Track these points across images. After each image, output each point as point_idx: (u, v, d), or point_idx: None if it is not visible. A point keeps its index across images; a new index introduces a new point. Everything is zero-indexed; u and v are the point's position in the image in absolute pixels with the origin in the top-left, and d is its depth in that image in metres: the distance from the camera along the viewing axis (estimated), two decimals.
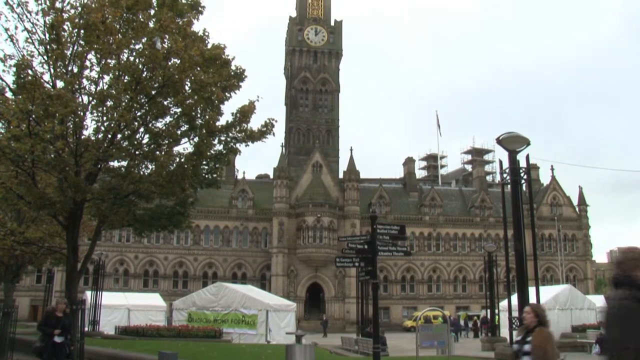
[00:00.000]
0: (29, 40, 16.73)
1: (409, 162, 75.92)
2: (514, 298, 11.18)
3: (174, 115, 18.38)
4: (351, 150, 66.31)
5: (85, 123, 17.39)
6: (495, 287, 28.78)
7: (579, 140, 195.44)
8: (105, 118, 17.28)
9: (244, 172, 68.32)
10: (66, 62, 17.19)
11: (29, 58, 16.54)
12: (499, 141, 10.91)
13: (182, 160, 18.48)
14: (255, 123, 19.28)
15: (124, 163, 18.54)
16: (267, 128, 19.11)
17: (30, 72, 16.36)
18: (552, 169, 73.71)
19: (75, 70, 17.46)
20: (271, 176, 68.03)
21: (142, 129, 18.25)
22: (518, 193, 10.85)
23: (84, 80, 17.57)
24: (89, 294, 30.91)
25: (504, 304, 29.63)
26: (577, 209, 72.30)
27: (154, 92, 17.46)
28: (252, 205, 65.50)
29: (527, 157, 11.51)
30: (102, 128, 17.36)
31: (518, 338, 7.01)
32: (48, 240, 25.44)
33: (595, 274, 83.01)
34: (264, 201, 64.87)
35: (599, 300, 35.64)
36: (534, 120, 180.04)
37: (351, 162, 65.92)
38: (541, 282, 56.81)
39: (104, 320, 30.40)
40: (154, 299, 37.33)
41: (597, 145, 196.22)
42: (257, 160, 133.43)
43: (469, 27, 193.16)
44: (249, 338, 27.84)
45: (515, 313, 11.21)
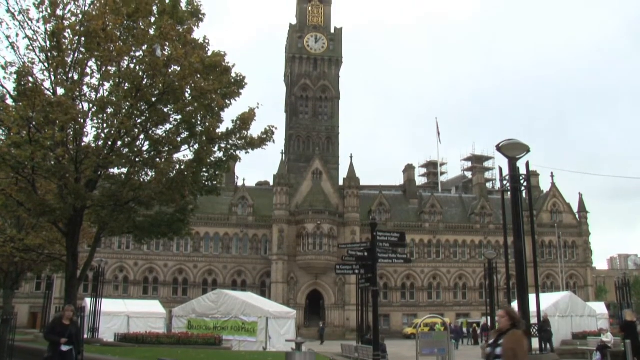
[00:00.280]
0: (30, 47, 16.77)
1: (409, 169, 75.97)
2: (514, 305, 11.13)
3: (174, 122, 18.41)
4: (351, 157, 66.46)
5: (85, 130, 17.42)
6: (496, 294, 28.73)
7: (579, 147, 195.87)
8: (105, 125, 17.31)
9: (244, 179, 68.52)
10: (67, 70, 17.23)
11: (30, 65, 16.58)
12: (499, 148, 10.91)
13: (182, 167, 18.49)
14: (255, 130, 19.33)
15: (124, 170, 18.55)
16: (267, 135, 19.15)
17: (31, 79, 16.41)
18: (552, 176, 73.89)
19: (75, 77, 17.49)
20: (271, 183, 68.06)
21: (142, 136, 18.27)
22: (518, 200, 10.85)
23: (85, 88, 17.62)
24: (88, 301, 30.84)
25: None
26: (577, 216, 72.30)
27: (154, 99, 17.50)
28: (252, 212, 65.50)
29: (527, 164, 11.51)
30: (103, 135, 17.38)
31: (491, 341, 6.96)
32: (48, 247, 25.40)
33: (596, 280, 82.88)
34: (264, 208, 64.86)
35: (600, 308, 35.59)
36: (534, 128, 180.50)
37: (351, 169, 65.95)
38: (541, 289, 56.79)
39: (103, 327, 30.30)
40: (153, 306, 37.26)
41: (597, 152, 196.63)
42: (257, 168, 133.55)
43: (468, 35, 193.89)
44: (249, 345, 27.77)
45: None
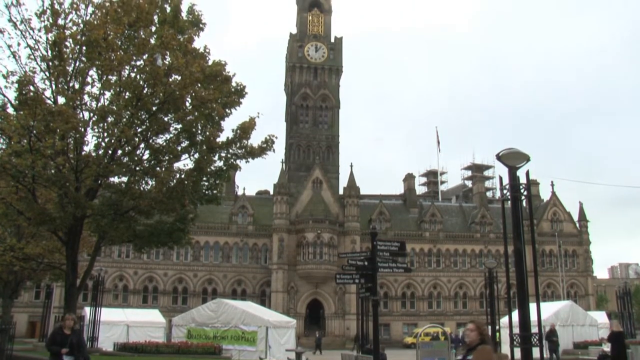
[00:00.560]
0: (32, 56, 16.85)
1: (409, 178, 75.97)
2: (515, 314, 11.11)
3: (174, 131, 18.47)
4: (351, 166, 66.44)
5: (86, 139, 17.47)
6: (496, 304, 28.63)
7: (579, 155, 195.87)
8: (106, 134, 17.35)
9: (244, 188, 68.43)
10: (68, 79, 17.31)
11: (31, 74, 16.65)
12: (499, 157, 10.90)
13: (182, 176, 18.52)
14: (255, 139, 19.38)
15: (124, 179, 18.58)
16: (267, 144, 19.20)
17: (32, 88, 16.46)
18: (552, 185, 73.87)
19: (76, 86, 17.56)
20: (271, 192, 67.97)
21: (142, 145, 18.32)
22: (518, 209, 10.83)
23: (85, 97, 17.70)
24: (87, 310, 30.76)
25: (504, 320, 29.48)
26: (577, 225, 72.17)
27: (154, 108, 17.55)
28: (252, 221, 65.42)
29: (527, 173, 11.49)
30: (103, 144, 17.42)
31: (459, 357, 6.82)
32: (47, 256, 25.36)
33: (597, 290, 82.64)
34: (264, 217, 64.80)
35: (601, 317, 35.48)
36: (535, 136, 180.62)
37: (351, 178, 65.94)
38: (542, 298, 56.49)
39: (102, 336, 30.21)
40: (153, 315, 37.14)
41: (597, 160, 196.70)
42: (257, 176, 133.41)
43: (468, 43, 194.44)
44: (249, 355, 27.68)
45: (516, 330, 11.13)
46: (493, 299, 28.05)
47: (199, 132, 18.53)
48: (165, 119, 18.04)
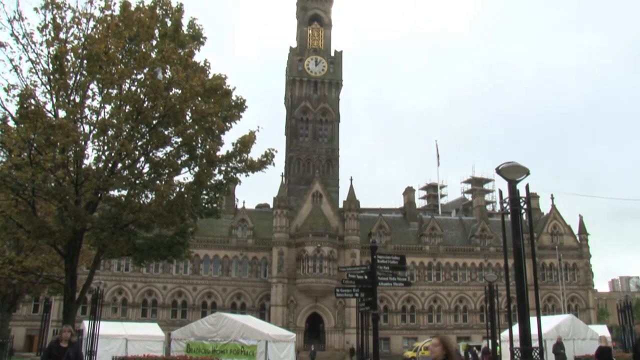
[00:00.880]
0: (33, 70, 16.94)
1: (408, 192, 75.98)
2: (515, 328, 11.06)
3: (174, 144, 18.50)
4: (351, 179, 66.46)
5: (86, 152, 17.52)
6: (497, 317, 28.54)
7: (579, 168, 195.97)
8: (106, 147, 17.39)
9: (243, 202, 68.34)
10: (68, 92, 17.37)
11: (32, 88, 16.73)
12: (499, 171, 10.91)
13: (182, 189, 18.53)
14: (255, 153, 19.44)
15: (124, 192, 18.59)
16: (267, 158, 19.24)
17: (33, 101, 16.53)
18: (552, 198, 73.81)
19: (77, 99, 17.63)
20: (271, 206, 67.92)
21: (142, 159, 18.35)
22: (518, 223, 10.82)
23: (86, 110, 17.75)
24: (86, 324, 30.59)
25: (505, 334, 29.37)
26: (577, 238, 72.07)
27: (155, 122, 17.61)
28: (252, 234, 65.33)
29: (527, 187, 11.48)
30: (103, 157, 17.45)
31: None
32: (46, 269, 25.32)
33: (597, 303, 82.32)
34: (263, 231, 64.72)
35: (602, 330, 35.28)
36: (534, 149, 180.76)
37: (351, 191, 65.94)
38: (543, 312, 56.36)
39: (101, 350, 29.97)
40: (152, 329, 36.91)
41: (597, 173, 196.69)
42: (257, 190, 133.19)
43: (469, 57, 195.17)
44: None
45: (516, 343, 11.09)
46: (493, 313, 27.95)
47: (199, 145, 18.57)
48: (166, 133, 18.10)
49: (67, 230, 16.88)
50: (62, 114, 17.21)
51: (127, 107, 17.41)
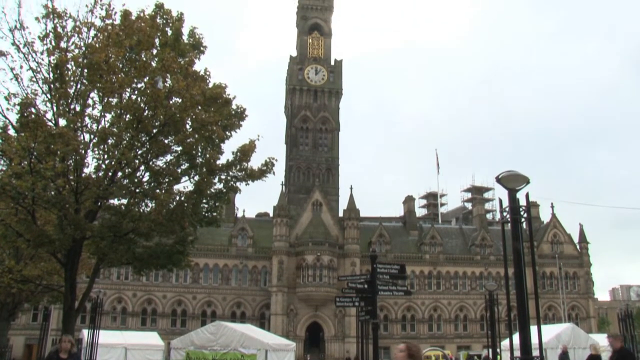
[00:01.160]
0: (34, 79, 16.99)
1: (408, 201, 75.97)
2: (516, 337, 11.03)
3: (174, 153, 18.53)
4: (351, 188, 66.48)
5: (86, 161, 17.54)
6: (497, 326, 28.44)
7: (579, 177, 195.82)
8: (106, 156, 17.41)
9: (243, 211, 68.32)
10: (69, 101, 17.41)
11: (33, 96, 16.78)
12: (499, 180, 10.90)
13: (182, 198, 18.53)
14: (255, 162, 19.44)
15: (124, 201, 18.59)
16: (267, 167, 19.26)
17: (33, 110, 16.58)
18: (552, 207, 73.79)
19: (77, 108, 17.66)
20: (271, 214, 67.90)
21: (142, 167, 18.36)
22: (518, 232, 10.81)
23: (86, 119, 17.77)
24: (85, 333, 30.49)
25: (505, 343, 29.27)
26: (578, 247, 72.01)
27: (155, 131, 17.63)
28: (252, 243, 65.27)
29: (527, 196, 11.47)
30: (103, 166, 17.46)
31: None
32: (46, 278, 25.25)
33: (598, 312, 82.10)
34: (263, 239, 64.65)
35: (602, 339, 35.14)
36: (534, 157, 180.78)
37: (351, 200, 65.95)
38: (543, 321, 56.18)
39: (100, 359, 29.93)
40: (151, 338, 36.81)
41: (598, 182, 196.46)
42: (257, 199, 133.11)
43: (469, 65, 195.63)
44: None
45: (517, 353, 11.05)
46: (494, 322, 27.86)
47: (199, 154, 18.60)
48: (166, 142, 18.12)
49: (67, 239, 16.87)
50: (62, 122, 17.24)
51: (128, 115, 17.44)
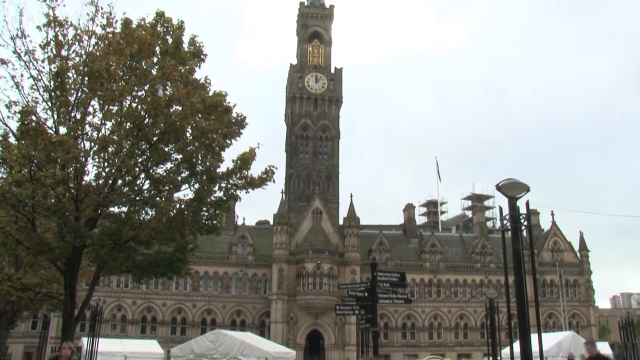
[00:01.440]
0: (34, 87, 17.04)
1: (409, 209, 75.92)
2: (516, 345, 11.01)
3: (174, 161, 18.53)
4: (351, 196, 66.44)
5: (86, 169, 17.54)
6: (497, 334, 28.41)
7: (580, 184, 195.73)
8: (106, 164, 17.43)
9: (243, 218, 68.23)
10: (69, 109, 17.44)
11: (34, 104, 16.82)
12: (499, 188, 10.91)
13: (182, 206, 18.53)
14: (255, 170, 19.43)
15: (124, 209, 18.58)
16: (267, 175, 19.27)
17: (34, 118, 16.61)
18: (553, 215, 73.70)
19: (78, 116, 17.69)
20: (271, 222, 67.86)
21: (142, 175, 18.37)
22: (518, 239, 10.81)
23: (87, 127, 17.80)
24: (85, 341, 30.44)
25: (506, 351, 29.21)
26: (578, 255, 71.90)
27: (155, 139, 17.65)
28: (252, 251, 65.18)
29: (527, 204, 11.49)
30: (103, 174, 17.47)
31: None
32: (45, 286, 25.20)
33: (599, 320, 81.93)
34: (263, 247, 64.57)
35: (604, 348, 35.07)
36: (535, 165, 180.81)
37: (351, 208, 65.92)
38: (544, 329, 56.01)
39: None
40: (151, 346, 36.79)
41: (598, 189, 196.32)
42: (257, 207, 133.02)
43: (470, 73, 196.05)
44: None
45: None
46: (494, 330, 27.83)
47: (199, 162, 18.61)
48: (166, 149, 18.14)
49: (67, 247, 16.85)
50: (62, 130, 17.26)
51: (128, 123, 17.47)
